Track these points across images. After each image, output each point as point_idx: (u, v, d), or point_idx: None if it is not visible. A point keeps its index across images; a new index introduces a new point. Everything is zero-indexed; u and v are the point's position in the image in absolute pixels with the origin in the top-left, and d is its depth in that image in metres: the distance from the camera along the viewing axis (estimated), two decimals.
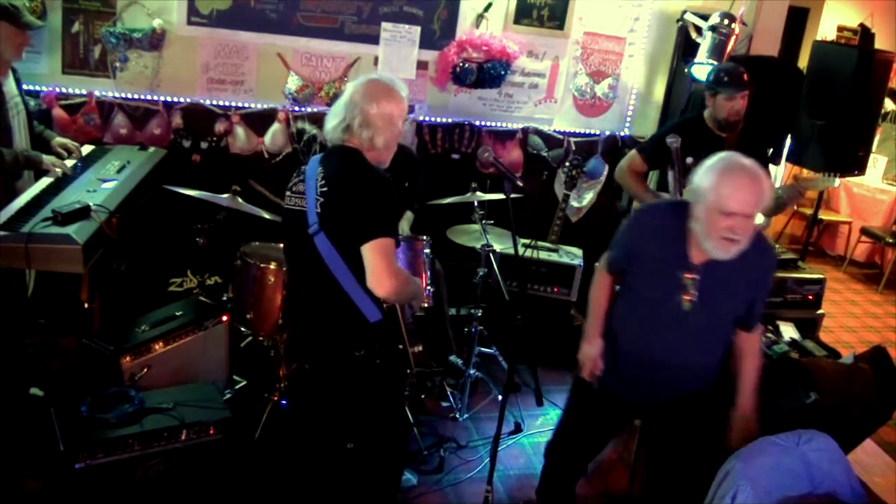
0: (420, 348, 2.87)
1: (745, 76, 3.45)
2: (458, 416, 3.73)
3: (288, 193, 2.42)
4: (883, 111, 6.57)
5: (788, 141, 4.48)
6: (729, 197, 2.17)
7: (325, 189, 2.28)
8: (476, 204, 3.80)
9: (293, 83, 4.15)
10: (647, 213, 2.59)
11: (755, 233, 2.29)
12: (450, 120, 4.49)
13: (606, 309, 2.59)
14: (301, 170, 2.42)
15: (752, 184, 2.19)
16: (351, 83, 2.41)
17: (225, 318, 3.47)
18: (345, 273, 2.26)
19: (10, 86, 3.24)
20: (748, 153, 3.50)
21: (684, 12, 4.39)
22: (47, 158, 3.24)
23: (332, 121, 2.37)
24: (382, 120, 2.33)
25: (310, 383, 2.49)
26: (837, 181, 3.40)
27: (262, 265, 3.42)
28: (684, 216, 2.32)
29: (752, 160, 2.28)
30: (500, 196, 3.42)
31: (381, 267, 2.21)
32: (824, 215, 7.09)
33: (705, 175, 2.26)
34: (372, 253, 2.21)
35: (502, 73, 4.36)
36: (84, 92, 3.92)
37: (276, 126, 4.21)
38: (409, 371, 2.61)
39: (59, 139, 3.52)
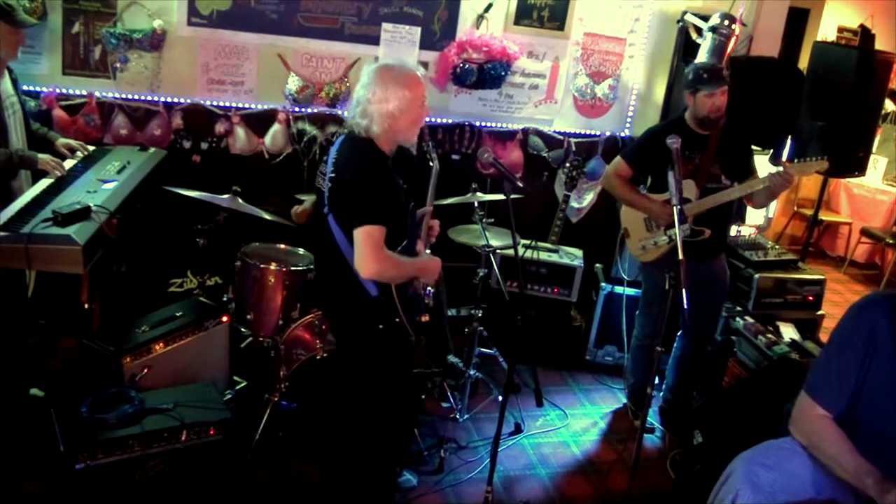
0: (427, 318, 2.89)
1: (724, 72, 3.46)
2: (458, 416, 3.73)
3: (318, 172, 2.66)
4: (883, 112, 6.56)
5: (789, 142, 4.48)
6: None
7: (332, 175, 2.50)
8: (476, 205, 3.80)
9: (293, 84, 4.15)
10: (866, 322, 1.97)
11: None
12: (450, 121, 4.49)
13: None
14: (329, 151, 2.60)
15: None
16: (364, 69, 2.55)
17: (225, 318, 3.47)
18: (349, 251, 2.46)
19: (6, 85, 3.23)
20: (731, 150, 3.54)
21: (684, 13, 4.38)
22: (43, 158, 3.23)
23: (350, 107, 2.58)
24: (378, 112, 2.45)
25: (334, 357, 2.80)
26: (826, 163, 3.35)
27: (262, 266, 3.42)
28: None
29: None
30: (501, 197, 3.42)
31: (365, 251, 2.40)
32: (825, 216, 7.09)
33: None
34: (358, 238, 2.40)
35: (503, 73, 4.35)
36: (84, 93, 3.92)
37: (276, 127, 4.21)
38: (411, 339, 2.69)
39: (62, 140, 3.52)
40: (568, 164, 4.38)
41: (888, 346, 1.92)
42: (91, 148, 3.63)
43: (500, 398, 3.13)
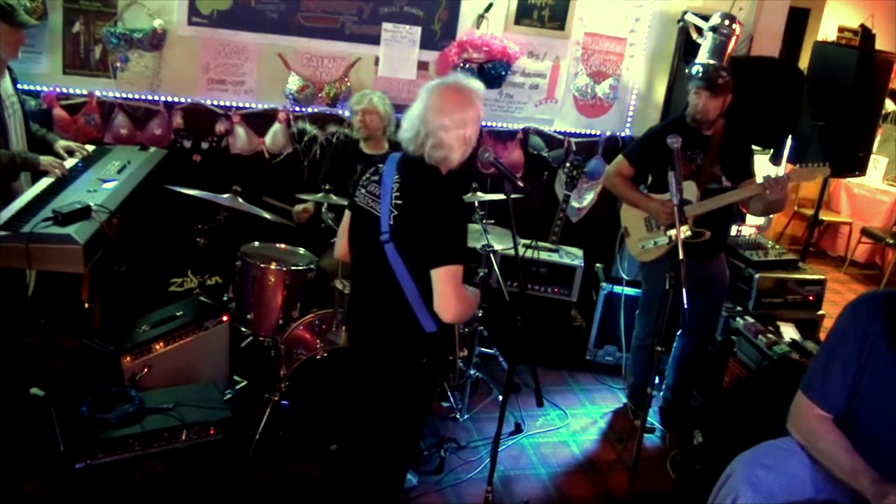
0: (465, 353, 2.85)
1: (720, 79, 3.38)
2: (458, 416, 3.73)
3: (361, 190, 2.38)
4: (883, 112, 6.56)
5: (789, 142, 4.48)
6: None
7: (399, 202, 2.25)
8: (476, 204, 3.80)
9: (294, 83, 4.15)
10: (860, 322, 1.95)
11: None
12: None
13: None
14: (378, 168, 2.36)
15: None
16: (424, 91, 2.30)
17: (225, 318, 3.47)
18: (409, 284, 2.26)
19: (6, 85, 3.24)
20: (732, 150, 3.54)
21: (685, 13, 4.39)
22: (45, 159, 3.24)
23: (407, 133, 2.29)
24: (458, 140, 2.26)
25: (359, 378, 2.53)
26: (828, 170, 3.36)
27: (262, 265, 3.43)
28: None
29: None
30: (501, 196, 3.42)
31: (448, 293, 2.21)
32: (825, 216, 7.09)
33: None
34: (441, 279, 2.21)
35: (503, 73, 4.35)
36: (85, 92, 3.92)
37: (276, 126, 4.21)
38: (451, 375, 2.62)
39: (62, 142, 3.52)
40: (568, 164, 4.38)
41: (884, 346, 1.91)
42: (90, 149, 3.63)
43: (500, 398, 3.13)
